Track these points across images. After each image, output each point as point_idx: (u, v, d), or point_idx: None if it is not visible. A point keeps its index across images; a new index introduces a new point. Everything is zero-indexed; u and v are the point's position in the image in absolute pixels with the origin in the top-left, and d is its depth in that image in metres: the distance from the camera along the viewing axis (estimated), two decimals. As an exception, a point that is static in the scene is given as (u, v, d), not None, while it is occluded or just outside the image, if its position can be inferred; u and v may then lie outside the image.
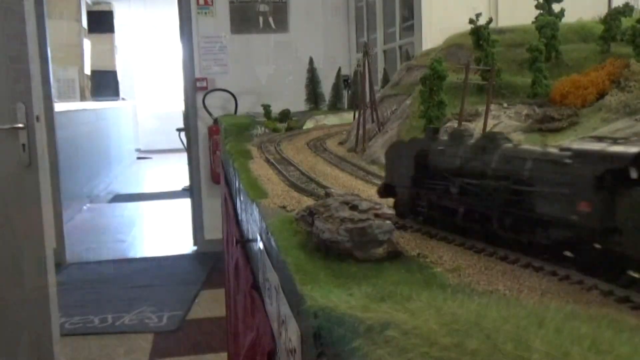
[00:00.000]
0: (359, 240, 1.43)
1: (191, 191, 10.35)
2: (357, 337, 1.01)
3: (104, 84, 17.10)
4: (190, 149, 10.15)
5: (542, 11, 4.08)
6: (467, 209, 1.59)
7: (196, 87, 9.75)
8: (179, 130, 11.30)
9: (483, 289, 1.27)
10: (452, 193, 1.63)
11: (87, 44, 15.98)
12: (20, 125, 5.41)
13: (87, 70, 15.97)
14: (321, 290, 1.22)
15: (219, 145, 7.25)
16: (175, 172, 17.17)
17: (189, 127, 10.10)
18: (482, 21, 3.52)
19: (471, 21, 3.44)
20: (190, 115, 9.98)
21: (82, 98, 15.06)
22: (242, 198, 2.86)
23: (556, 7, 4.15)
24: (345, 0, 10.05)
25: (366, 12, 9.13)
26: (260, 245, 2.05)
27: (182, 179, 13.63)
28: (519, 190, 1.37)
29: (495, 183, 1.46)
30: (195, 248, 10.15)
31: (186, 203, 11.03)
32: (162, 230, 11.62)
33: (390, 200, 1.92)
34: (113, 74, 18.17)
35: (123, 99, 19.18)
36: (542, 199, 1.30)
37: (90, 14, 16.72)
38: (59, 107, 10.74)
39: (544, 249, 1.36)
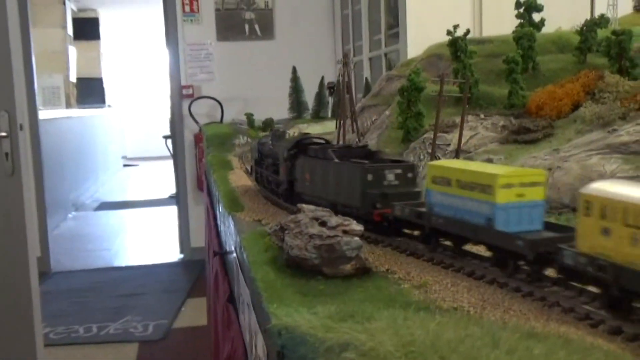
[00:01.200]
0: (328, 256, 1.44)
1: (177, 199, 10.32)
2: (316, 358, 1.02)
3: (90, 91, 17.03)
4: (177, 156, 10.13)
5: (522, 20, 4.12)
6: (268, 176, 2.80)
7: (182, 95, 9.73)
8: (165, 137, 11.28)
9: (448, 306, 1.28)
10: (265, 167, 2.88)
11: (72, 51, 15.91)
12: (3, 133, 5.37)
13: (73, 78, 15.91)
14: (287, 309, 1.23)
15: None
16: (161, 179, 17.11)
17: (175, 134, 10.08)
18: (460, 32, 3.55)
19: (449, 32, 3.47)
20: (176, 123, 9.96)
21: (68, 105, 15.00)
22: (220, 209, 2.87)
23: (537, 17, 4.20)
24: (331, 7, 10.09)
25: (352, 19, 9.17)
26: (235, 258, 2.06)
27: (168, 187, 13.59)
28: (276, 163, 2.68)
29: (272, 160, 2.74)
30: (181, 256, 10.11)
31: (172, 210, 10.99)
32: (149, 238, 11.57)
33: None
34: (99, 81, 18.10)
35: (109, 106, 19.11)
36: (279, 168, 2.61)
37: (75, 21, 16.65)
38: (43, 114, 10.68)
39: (278, 192, 2.64)
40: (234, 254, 2.14)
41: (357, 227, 1.51)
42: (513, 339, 0.98)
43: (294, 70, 6.12)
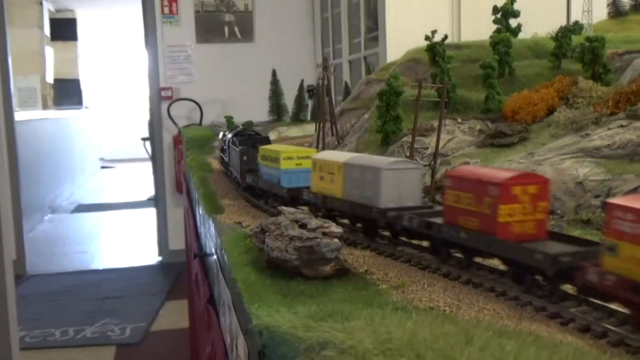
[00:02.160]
0: (307, 258, 1.47)
1: (156, 201, 10.26)
2: (297, 356, 1.05)
3: (67, 92, 16.86)
4: (155, 158, 10.07)
5: (500, 26, 4.20)
6: (224, 159, 3.58)
7: (161, 97, 9.69)
8: (143, 139, 11.20)
9: (424, 306, 1.32)
10: (224, 153, 3.59)
11: (49, 51, 15.74)
12: (-22, 135, 5.32)
13: (50, 79, 15.73)
14: (267, 309, 1.25)
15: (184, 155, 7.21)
16: (139, 181, 16.99)
17: (153, 136, 10.03)
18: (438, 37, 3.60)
19: (427, 38, 3.52)
20: (155, 125, 9.91)
21: (45, 107, 14.83)
22: (200, 212, 2.88)
23: (513, 22, 4.28)
24: (311, 10, 10.12)
25: (332, 22, 9.22)
26: (216, 260, 2.07)
27: (146, 189, 13.50)
28: (225, 149, 3.53)
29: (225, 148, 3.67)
30: (160, 259, 10.06)
31: (151, 213, 10.92)
32: (126, 241, 11.48)
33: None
34: (76, 82, 17.92)
35: (86, 107, 18.93)
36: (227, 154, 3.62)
37: (53, 21, 16.47)
38: (20, 116, 10.55)
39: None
40: (215, 256, 2.16)
41: (337, 229, 1.54)
42: (486, 337, 1.01)
43: (274, 73, 6.15)
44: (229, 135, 3.50)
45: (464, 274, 1.47)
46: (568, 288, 1.35)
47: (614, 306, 1.24)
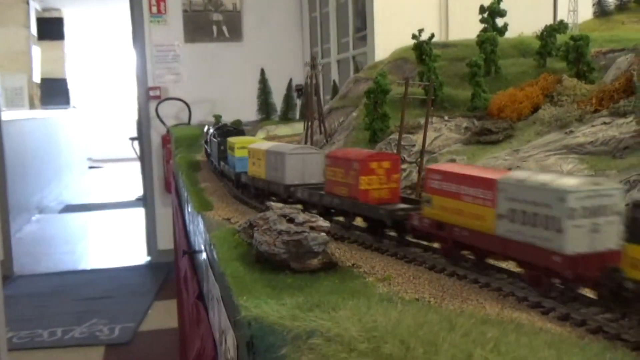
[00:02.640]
0: (295, 251, 1.49)
1: (144, 201, 10.23)
2: (284, 345, 1.07)
3: (54, 91, 16.74)
4: (144, 158, 10.04)
5: (486, 25, 4.24)
6: (207, 150, 4.03)
7: (149, 96, 9.66)
8: (131, 139, 11.17)
9: (410, 297, 1.34)
10: (207, 147, 4.04)
11: (36, 51, 15.64)
12: (-35, 135, 5.29)
13: (37, 78, 15.63)
14: (256, 301, 1.28)
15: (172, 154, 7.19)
16: (128, 181, 16.92)
17: (142, 136, 10.00)
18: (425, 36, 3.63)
19: (414, 36, 3.55)
20: (143, 124, 9.88)
21: (32, 106, 14.74)
22: (189, 209, 2.89)
23: (500, 22, 4.32)
24: (299, 10, 10.14)
25: (320, 22, 9.24)
26: (205, 256, 2.09)
27: (135, 189, 13.45)
28: (207, 141, 4.16)
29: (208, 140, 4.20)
30: (148, 259, 10.03)
31: (139, 213, 10.89)
32: (115, 241, 11.43)
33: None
34: (63, 81, 17.82)
35: (74, 107, 18.83)
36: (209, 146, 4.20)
37: (39, 20, 16.37)
38: (6, 115, 10.49)
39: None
40: (204, 253, 2.18)
41: (324, 223, 1.56)
42: (469, 324, 1.04)
43: (262, 72, 6.16)
44: (212, 130, 3.98)
45: (448, 267, 1.51)
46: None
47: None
